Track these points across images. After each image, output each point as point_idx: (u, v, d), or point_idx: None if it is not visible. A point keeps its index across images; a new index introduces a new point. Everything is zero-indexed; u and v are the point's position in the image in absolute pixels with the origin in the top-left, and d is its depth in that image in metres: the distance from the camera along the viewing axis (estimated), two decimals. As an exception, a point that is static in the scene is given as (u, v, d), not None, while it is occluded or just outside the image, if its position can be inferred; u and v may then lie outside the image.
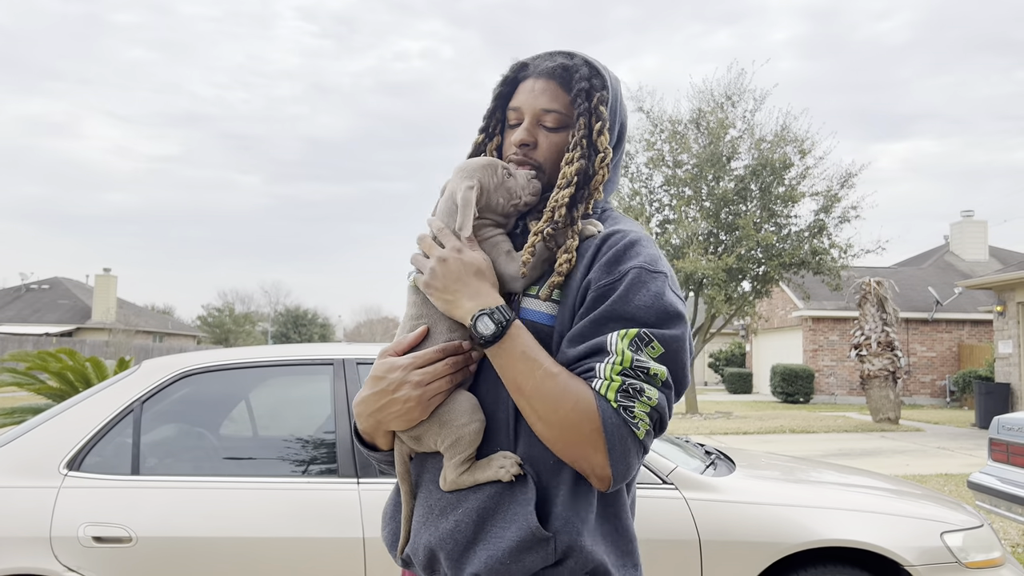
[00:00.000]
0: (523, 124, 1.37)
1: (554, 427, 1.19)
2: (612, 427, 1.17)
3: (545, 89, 1.36)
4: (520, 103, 1.38)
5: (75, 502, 2.90)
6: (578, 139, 1.33)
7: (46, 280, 44.87)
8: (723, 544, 3.03)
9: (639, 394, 1.18)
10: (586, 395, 1.18)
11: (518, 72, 1.41)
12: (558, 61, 1.37)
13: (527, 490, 1.23)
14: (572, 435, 1.18)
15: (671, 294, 1.25)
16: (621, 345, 1.19)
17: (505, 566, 1.21)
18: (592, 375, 1.19)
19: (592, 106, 1.34)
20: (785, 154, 17.48)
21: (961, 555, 3.15)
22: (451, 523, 1.26)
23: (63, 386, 7.00)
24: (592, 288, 1.25)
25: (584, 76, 1.35)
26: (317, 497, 3.00)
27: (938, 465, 10.26)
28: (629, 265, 1.25)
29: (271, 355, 3.41)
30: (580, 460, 1.19)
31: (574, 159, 1.33)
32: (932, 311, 24.78)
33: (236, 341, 54.08)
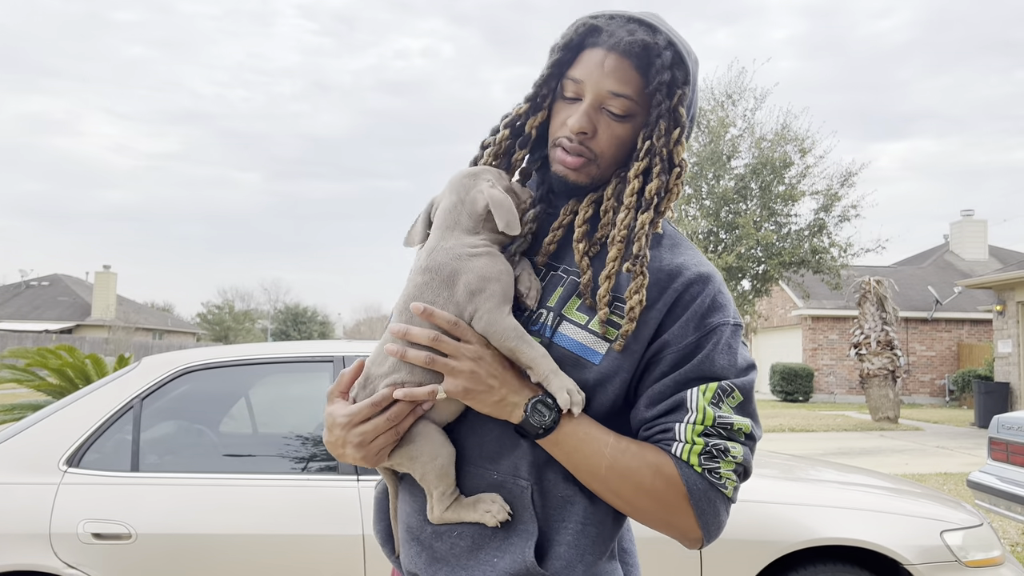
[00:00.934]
0: (584, 105, 1.15)
1: (635, 503, 1.09)
2: (698, 492, 1.07)
3: (618, 68, 1.12)
4: (584, 76, 1.15)
5: (75, 499, 2.90)
6: (658, 148, 1.14)
7: (46, 277, 44.88)
8: (722, 543, 3.03)
9: (724, 454, 1.08)
10: (665, 464, 1.08)
11: (585, 37, 1.16)
12: (638, 36, 1.12)
13: (529, 522, 1.11)
14: (656, 506, 1.09)
15: (744, 344, 1.17)
16: (702, 402, 1.09)
17: None
18: (671, 438, 1.09)
19: (673, 106, 1.13)
20: (785, 153, 17.49)
21: (961, 554, 3.15)
22: (447, 542, 1.16)
23: (63, 383, 6.99)
24: (673, 348, 1.11)
25: (666, 64, 1.12)
26: (317, 494, 3.00)
27: (937, 464, 10.26)
28: (716, 322, 1.12)
29: (271, 352, 3.40)
30: (668, 528, 1.10)
31: (654, 174, 1.14)
32: (932, 310, 24.79)
33: (236, 338, 54.11)
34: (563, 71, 1.18)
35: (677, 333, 1.11)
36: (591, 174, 1.18)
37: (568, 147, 1.17)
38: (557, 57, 1.18)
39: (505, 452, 1.13)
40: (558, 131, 1.19)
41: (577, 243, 1.17)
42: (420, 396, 1.07)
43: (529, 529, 1.11)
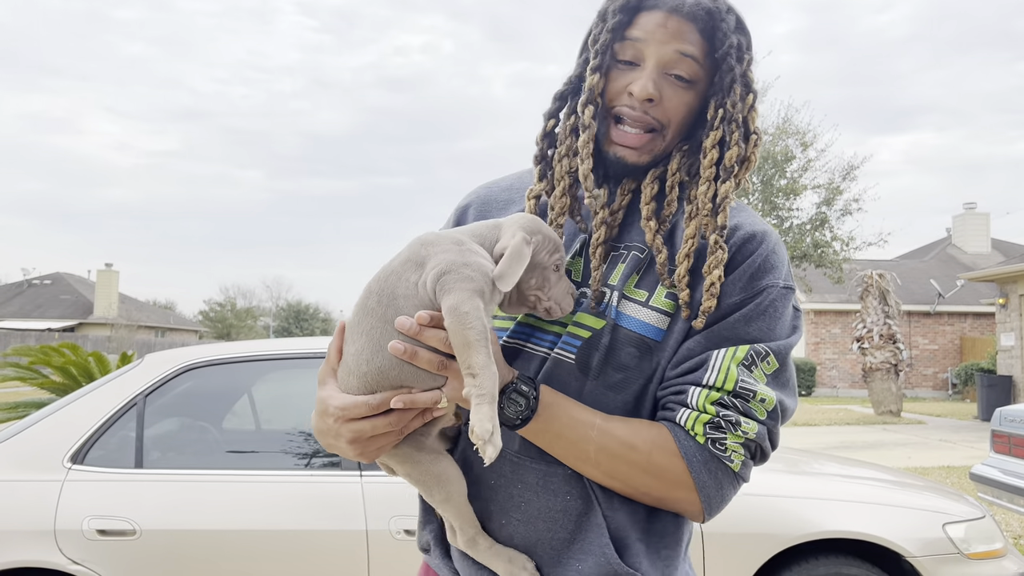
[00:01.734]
0: (647, 69, 1.06)
1: (632, 482, 1.03)
2: (699, 465, 1.02)
3: (681, 29, 1.05)
4: (647, 35, 1.06)
5: (79, 495, 2.91)
6: (731, 115, 1.07)
7: (48, 275, 44.92)
8: (725, 536, 3.04)
9: (734, 427, 1.01)
10: (663, 438, 1.02)
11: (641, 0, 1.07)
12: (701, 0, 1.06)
13: (594, 512, 1.05)
14: (655, 483, 1.03)
15: (795, 307, 1.09)
16: (728, 362, 1.02)
17: None
18: (681, 402, 1.03)
19: (743, 72, 1.08)
20: (787, 147, 17.46)
21: (963, 546, 3.15)
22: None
23: (66, 380, 7.01)
24: (718, 306, 1.05)
25: (732, 29, 1.07)
26: (320, 490, 3.01)
27: (940, 457, 10.26)
28: (765, 283, 1.06)
29: (273, 348, 3.41)
30: (669, 503, 1.05)
31: (731, 141, 1.07)
32: (934, 304, 24.76)
33: (238, 336, 54.18)
34: (619, 36, 1.08)
35: (723, 291, 1.04)
36: (654, 151, 1.10)
37: (633, 116, 1.07)
38: (616, 20, 1.07)
39: None
40: (617, 99, 1.08)
41: (647, 221, 1.08)
42: (423, 403, 0.98)
43: (596, 521, 1.05)
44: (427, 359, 0.96)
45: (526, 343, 1.11)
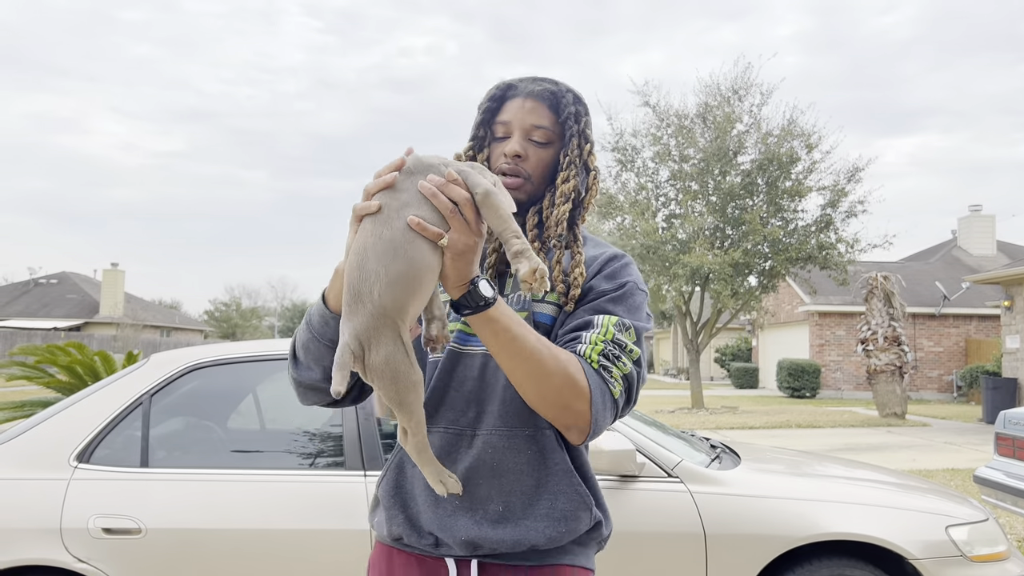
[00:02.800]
0: (514, 137, 1.47)
1: (543, 383, 1.28)
2: (594, 383, 1.31)
3: (535, 108, 1.48)
4: (510, 118, 1.48)
5: (85, 494, 2.93)
6: (572, 158, 1.47)
7: (54, 275, 45.06)
8: (728, 537, 3.04)
9: (616, 360, 1.34)
10: (571, 357, 1.31)
11: (505, 91, 1.51)
12: (545, 86, 1.49)
13: (564, 461, 1.41)
14: (560, 390, 1.29)
15: (647, 310, 1.48)
16: (607, 323, 1.38)
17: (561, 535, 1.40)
18: (578, 341, 1.36)
19: (581, 129, 1.48)
20: (792, 148, 17.42)
21: (966, 548, 3.15)
22: (480, 516, 1.39)
23: (72, 380, 7.03)
24: (594, 292, 1.43)
25: (571, 101, 1.48)
26: (324, 489, 3.02)
27: (945, 460, 10.24)
28: (625, 279, 1.46)
29: (278, 349, 3.43)
30: (565, 412, 1.30)
31: (570, 176, 1.47)
32: (939, 306, 24.69)
33: (243, 335, 54.27)
34: (492, 118, 1.51)
35: (597, 283, 1.45)
36: (528, 191, 1.48)
37: (507, 170, 1.47)
38: (486, 106, 1.51)
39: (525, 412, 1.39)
40: (497, 162, 1.49)
41: (532, 243, 1.46)
42: (431, 232, 1.18)
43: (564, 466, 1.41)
44: (444, 203, 1.19)
45: (463, 347, 1.45)
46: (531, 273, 1.20)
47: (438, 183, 1.20)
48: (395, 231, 1.17)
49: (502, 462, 1.40)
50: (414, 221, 1.17)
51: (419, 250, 1.18)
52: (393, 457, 1.51)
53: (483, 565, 1.41)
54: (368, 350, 1.17)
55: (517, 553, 1.40)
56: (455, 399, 1.43)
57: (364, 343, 1.17)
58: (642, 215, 17.77)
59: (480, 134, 1.52)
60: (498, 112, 1.50)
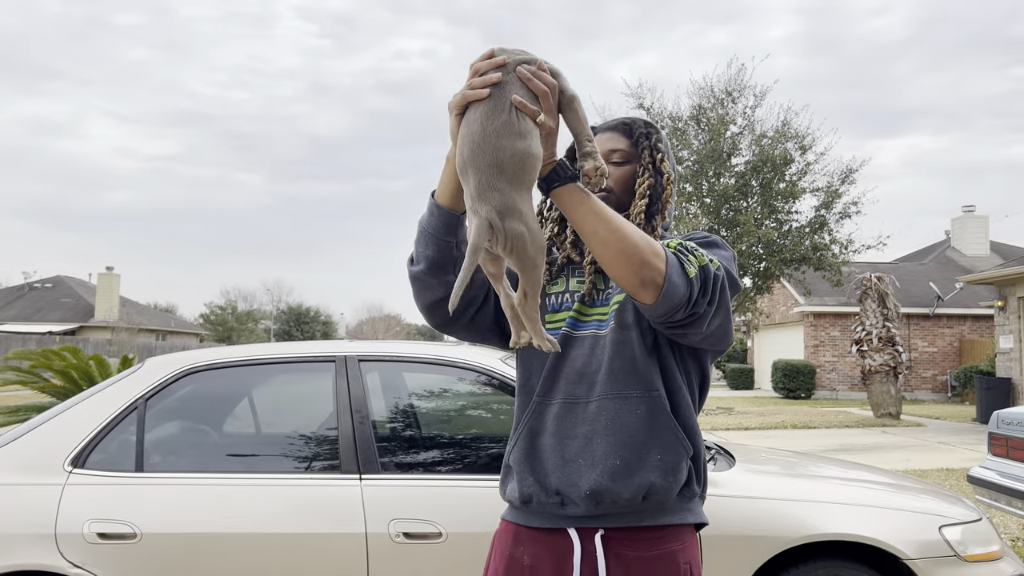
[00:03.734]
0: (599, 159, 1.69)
1: (625, 240, 1.43)
2: (671, 258, 1.47)
3: (611, 137, 1.77)
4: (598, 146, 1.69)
5: (80, 499, 2.93)
6: (645, 165, 1.74)
7: (49, 279, 44.91)
8: (723, 539, 3.05)
9: (692, 252, 1.52)
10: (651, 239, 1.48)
11: (593, 130, 1.77)
12: (620, 119, 1.80)
13: (668, 419, 1.60)
14: (638, 244, 1.44)
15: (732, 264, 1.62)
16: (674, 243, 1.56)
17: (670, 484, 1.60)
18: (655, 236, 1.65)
19: (652, 143, 1.76)
20: (786, 150, 17.46)
21: (960, 548, 3.16)
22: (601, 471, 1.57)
23: (67, 384, 7.02)
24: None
25: (642, 126, 1.78)
26: (320, 493, 3.03)
27: (939, 460, 10.27)
28: (710, 237, 1.67)
29: (274, 352, 3.43)
30: (643, 267, 1.43)
31: (644, 179, 1.72)
32: (933, 306, 24.76)
33: (239, 339, 54.16)
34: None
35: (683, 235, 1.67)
36: (611, 202, 1.71)
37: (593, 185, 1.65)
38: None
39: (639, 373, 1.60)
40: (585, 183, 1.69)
41: None
42: (529, 110, 1.35)
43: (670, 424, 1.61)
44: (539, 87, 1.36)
45: (575, 331, 1.67)
46: (593, 170, 1.43)
47: (533, 70, 1.37)
48: (508, 113, 1.31)
49: (615, 422, 1.59)
50: (517, 100, 1.33)
51: (529, 128, 1.33)
52: (521, 427, 1.68)
53: (606, 538, 1.59)
54: (504, 220, 1.30)
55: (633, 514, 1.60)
56: (569, 374, 1.63)
57: (501, 214, 1.30)
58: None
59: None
60: None
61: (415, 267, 1.65)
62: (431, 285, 1.65)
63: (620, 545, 1.60)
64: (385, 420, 3.38)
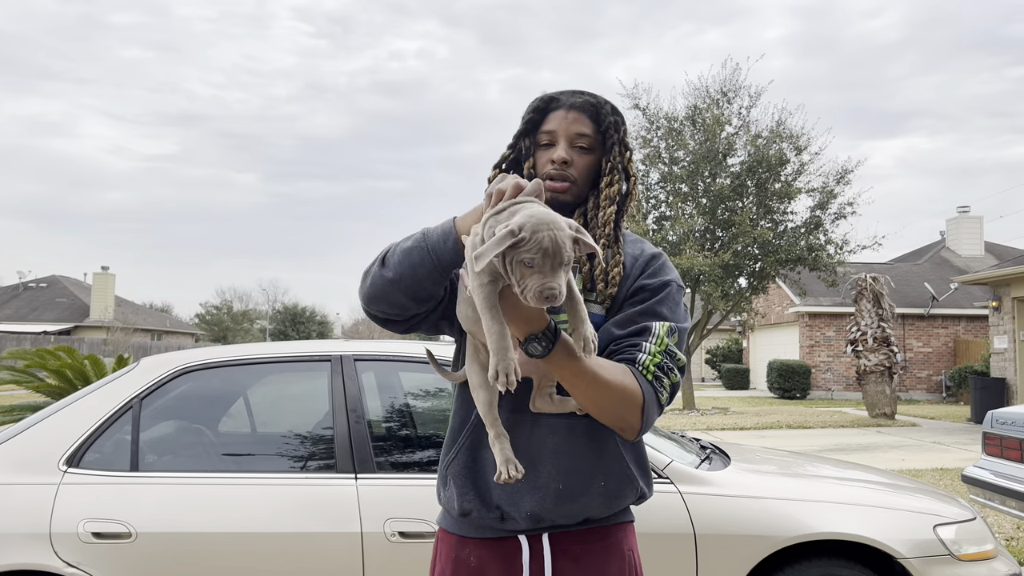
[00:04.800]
0: (560, 144, 1.60)
1: (606, 398, 1.45)
2: (647, 394, 1.48)
3: (578, 118, 1.61)
4: (555, 127, 1.61)
5: (75, 498, 2.92)
6: (614, 164, 1.62)
7: (44, 278, 44.79)
8: (718, 538, 3.06)
9: (669, 371, 1.52)
10: (627, 373, 1.47)
11: (548, 103, 1.63)
12: (585, 98, 1.62)
13: (614, 446, 1.59)
14: (619, 403, 1.45)
15: (684, 304, 1.65)
16: (662, 332, 1.54)
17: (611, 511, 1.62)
18: (638, 350, 1.52)
19: (621, 137, 1.63)
20: (781, 150, 17.49)
21: (954, 547, 3.17)
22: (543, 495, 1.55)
23: (62, 384, 7.00)
24: (644, 291, 1.59)
25: (609, 112, 1.62)
26: (315, 493, 3.02)
27: (933, 460, 10.30)
28: (669, 278, 1.62)
29: (269, 352, 3.43)
30: (619, 422, 1.48)
31: (614, 181, 1.62)
32: (928, 307, 24.82)
33: (234, 339, 54.05)
34: (536, 128, 1.63)
35: (646, 283, 1.60)
36: (574, 193, 1.61)
37: (555, 175, 1.59)
38: (529, 117, 1.63)
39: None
40: (544, 168, 1.62)
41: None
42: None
43: (615, 452, 1.60)
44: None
45: None
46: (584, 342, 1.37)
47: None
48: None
49: (561, 446, 1.56)
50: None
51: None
52: (463, 438, 1.62)
53: (553, 536, 1.58)
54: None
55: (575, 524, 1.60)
56: (518, 387, 1.51)
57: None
58: (632, 217, 17.80)
59: (525, 144, 1.64)
60: (542, 123, 1.62)
61: (394, 281, 1.52)
62: (402, 305, 1.56)
63: (567, 542, 1.59)
64: (381, 420, 3.38)
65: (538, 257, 1.25)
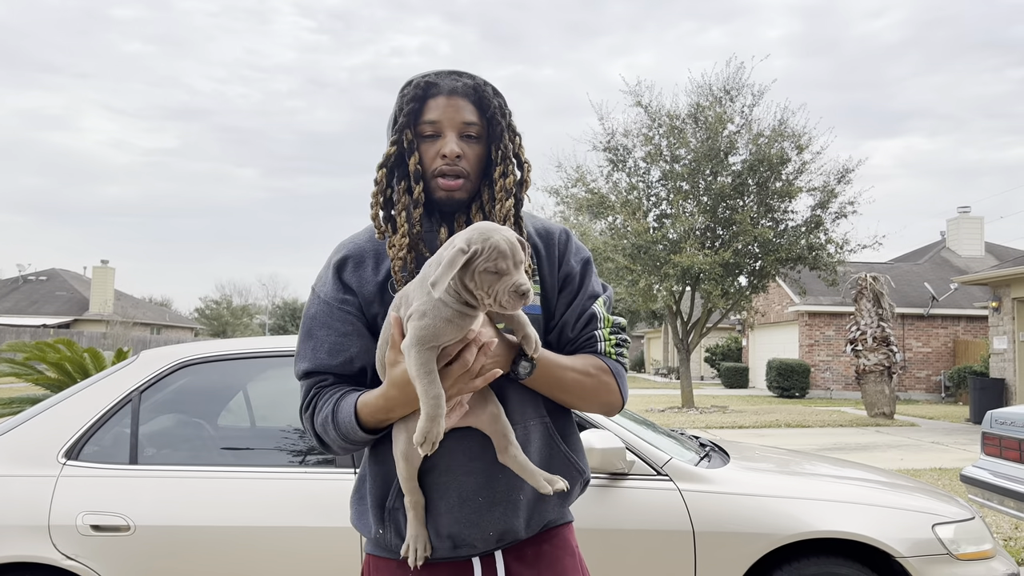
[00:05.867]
0: (448, 137, 1.47)
1: (586, 394, 1.52)
2: (618, 373, 1.55)
3: (463, 106, 1.48)
4: (438, 117, 1.48)
5: (73, 491, 2.92)
6: (506, 153, 1.51)
7: (44, 272, 44.79)
8: (716, 535, 3.06)
9: (624, 343, 1.58)
10: (596, 361, 1.53)
11: (426, 90, 1.49)
12: (464, 81, 1.50)
13: (558, 443, 1.56)
14: (599, 392, 1.52)
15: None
16: (603, 310, 1.58)
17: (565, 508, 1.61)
18: (595, 340, 1.55)
19: (509, 122, 1.53)
20: (782, 149, 17.47)
21: (952, 547, 3.17)
22: (504, 509, 1.48)
23: (61, 376, 7.00)
24: (572, 278, 1.58)
25: (491, 95, 1.51)
26: (314, 487, 3.02)
27: (932, 460, 10.30)
28: (586, 255, 1.62)
29: (269, 346, 3.42)
30: (603, 405, 1.55)
31: (508, 171, 1.51)
32: (928, 307, 24.82)
33: (234, 333, 54.08)
34: (417, 119, 1.49)
35: (571, 268, 1.58)
36: (467, 189, 1.51)
37: (447, 171, 1.48)
38: (409, 108, 1.48)
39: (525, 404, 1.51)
40: (433, 163, 1.50)
41: None
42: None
43: (560, 450, 1.57)
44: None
45: None
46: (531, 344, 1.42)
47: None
48: None
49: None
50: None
51: None
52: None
53: (505, 550, 1.52)
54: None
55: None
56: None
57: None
58: (633, 215, 17.80)
59: (407, 137, 1.49)
60: (422, 112, 1.49)
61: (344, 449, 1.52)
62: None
63: (519, 548, 1.53)
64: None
65: (499, 261, 1.26)
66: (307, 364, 1.52)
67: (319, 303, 1.54)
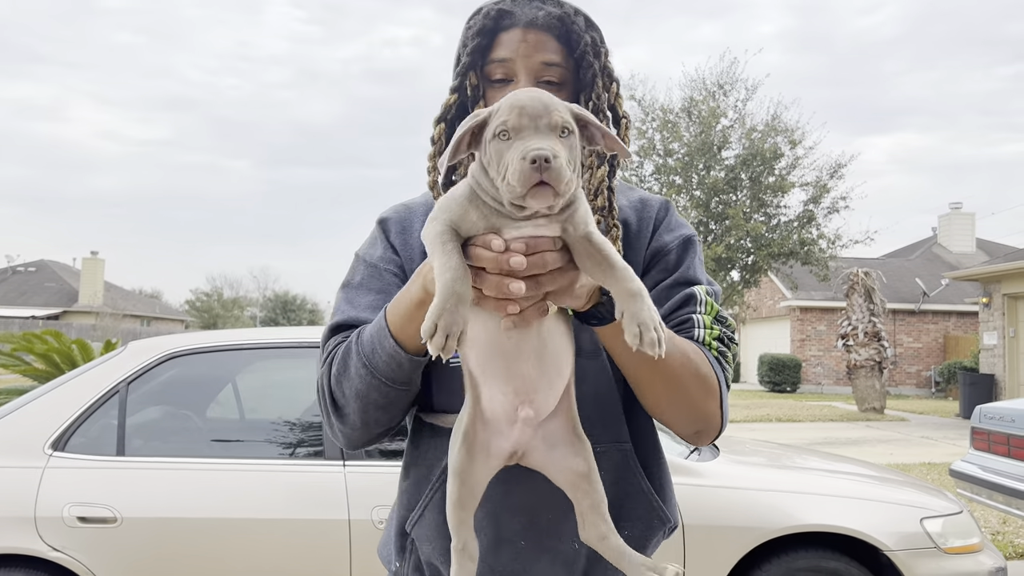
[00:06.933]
0: (521, 82, 1.14)
1: (684, 398, 1.10)
2: (721, 378, 1.13)
3: (541, 41, 1.14)
4: (510, 55, 1.15)
5: (60, 482, 2.90)
6: (599, 106, 1.16)
7: (32, 263, 44.54)
8: (706, 528, 3.06)
9: (730, 342, 1.16)
10: (697, 351, 1.10)
11: (498, 21, 1.16)
12: (547, 8, 1.16)
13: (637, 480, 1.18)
14: (700, 391, 1.10)
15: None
16: (704, 295, 1.18)
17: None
18: (692, 325, 1.14)
19: (603, 64, 1.17)
20: (775, 144, 17.51)
21: (940, 540, 3.19)
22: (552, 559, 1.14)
23: (48, 367, 6.97)
24: (667, 252, 1.21)
25: (582, 28, 1.16)
26: (303, 479, 3.01)
27: (922, 454, 10.36)
28: (689, 232, 1.25)
29: (258, 338, 3.41)
30: (699, 422, 1.13)
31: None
32: (919, 302, 24.93)
33: (224, 326, 53.93)
34: (484, 58, 1.17)
35: (664, 242, 1.21)
36: None
37: None
38: (475, 44, 1.16)
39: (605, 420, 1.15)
40: None
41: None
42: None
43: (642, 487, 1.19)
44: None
45: None
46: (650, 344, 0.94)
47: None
48: None
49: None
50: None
51: None
52: (430, 493, 1.19)
53: None
54: None
55: None
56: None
57: None
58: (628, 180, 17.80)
59: (471, 82, 1.17)
60: (490, 48, 1.16)
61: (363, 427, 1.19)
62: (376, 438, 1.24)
63: None
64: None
65: (512, 117, 0.88)
66: (340, 317, 1.24)
67: (365, 267, 1.27)
